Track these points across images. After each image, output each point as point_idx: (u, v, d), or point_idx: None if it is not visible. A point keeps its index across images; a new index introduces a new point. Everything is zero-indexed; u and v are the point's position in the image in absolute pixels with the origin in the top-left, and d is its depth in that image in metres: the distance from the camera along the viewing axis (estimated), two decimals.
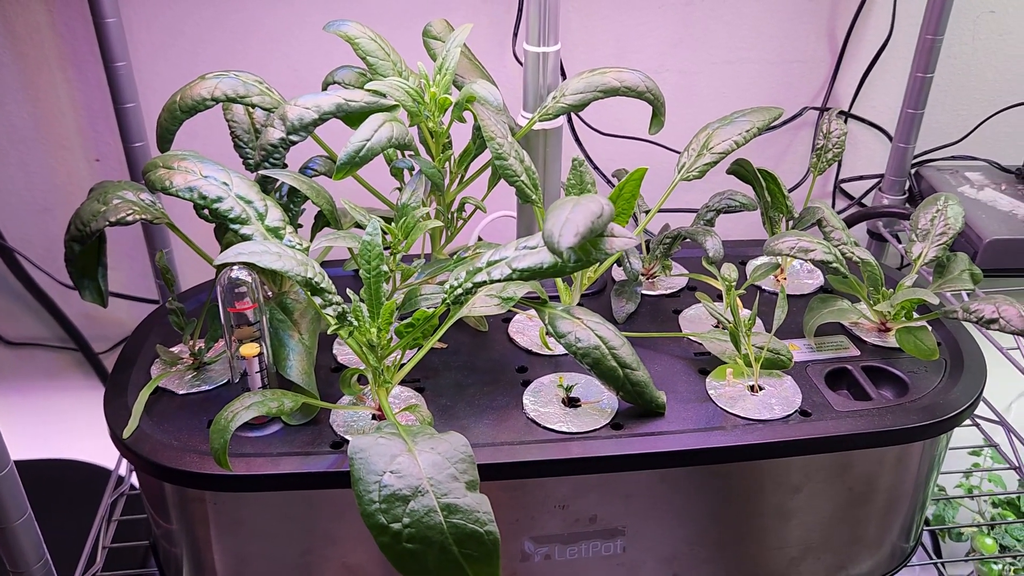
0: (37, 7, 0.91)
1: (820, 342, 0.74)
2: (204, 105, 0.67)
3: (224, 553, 0.65)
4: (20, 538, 0.59)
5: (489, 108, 0.65)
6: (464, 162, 0.72)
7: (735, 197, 0.80)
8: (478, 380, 0.70)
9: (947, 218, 0.75)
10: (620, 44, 1.00)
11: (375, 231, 0.58)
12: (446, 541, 0.47)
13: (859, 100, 1.06)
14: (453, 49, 0.67)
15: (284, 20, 0.94)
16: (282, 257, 0.54)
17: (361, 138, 0.60)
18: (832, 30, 1.02)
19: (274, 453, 0.62)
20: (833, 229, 0.76)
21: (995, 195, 0.98)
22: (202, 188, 0.60)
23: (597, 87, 0.69)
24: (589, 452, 0.62)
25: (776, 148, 1.08)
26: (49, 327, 1.10)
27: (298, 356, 0.64)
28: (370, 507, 0.48)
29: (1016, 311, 0.65)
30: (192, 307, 0.78)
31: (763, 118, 0.72)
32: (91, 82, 0.95)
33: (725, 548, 0.69)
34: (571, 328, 0.63)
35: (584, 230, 0.50)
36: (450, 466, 0.49)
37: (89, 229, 0.67)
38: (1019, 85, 1.07)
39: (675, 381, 0.70)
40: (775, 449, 0.64)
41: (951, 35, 1.03)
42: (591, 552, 0.67)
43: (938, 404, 0.67)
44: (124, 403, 0.66)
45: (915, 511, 0.74)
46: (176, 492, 0.63)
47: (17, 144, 0.98)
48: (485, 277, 0.57)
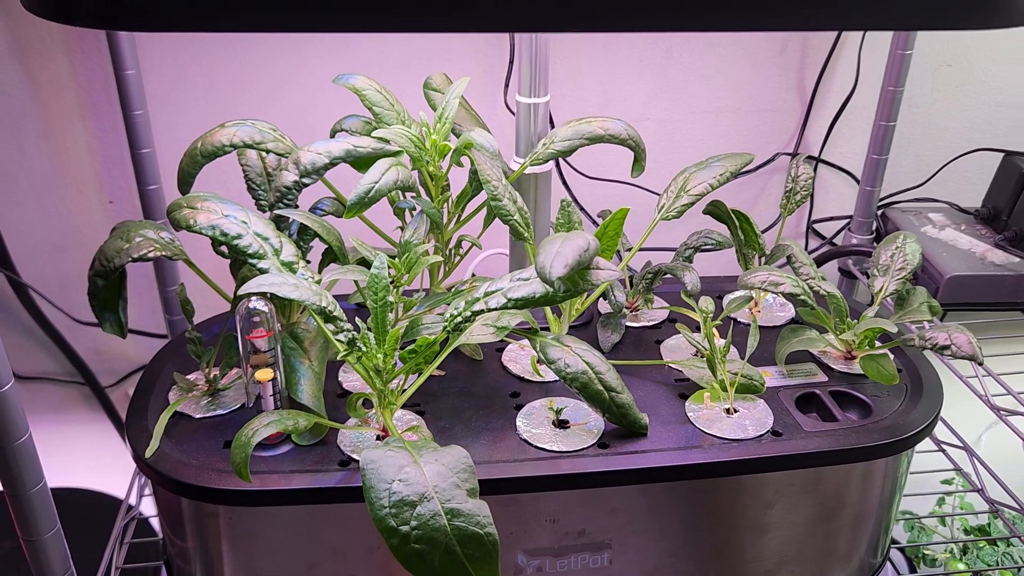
0: (61, 60, 0.97)
1: (791, 369, 0.80)
2: (224, 151, 0.73)
3: (236, 568, 0.69)
4: (49, 551, 0.63)
5: (485, 154, 0.71)
6: (461, 203, 0.78)
7: (711, 236, 0.86)
8: (474, 404, 0.75)
9: (906, 254, 0.82)
10: (605, 94, 1.07)
11: (382, 265, 0.64)
12: (450, 542, 0.52)
13: (828, 146, 1.13)
14: (452, 100, 0.74)
15: (288, 68, 1.00)
16: (299, 288, 0.59)
17: (370, 181, 0.66)
18: (801, 82, 1.10)
19: (286, 471, 0.66)
20: (802, 265, 0.82)
21: (955, 234, 1.05)
22: (224, 226, 0.66)
23: (584, 135, 0.75)
24: (577, 469, 0.67)
25: (752, 191, 1.15)
26: (58, 362, 1.14)
27: (308, 381, 0.69)
28: (381, 512, 0.52)
29: (966, 338, 0.71)
30: (206, 338, 0.83)
31: (736, 163, 0.79)
32: (107, 130, 1.02)
33: (705, 561, 0.74)
34: (561, 355, 0.68)
35: (573, 262, 0.56)
36: (452, 475, 0.55)
37: (113, 265, 0.72)
38: (976, 132, 1.15)
39: (657, 405, 0.75)
40: (749, 466, 0.69)
41: (912, 87, 1.11)
42: (580, 565, 0.71)
43: (898, 424, 0.73)
44: (144, 426, 0.71)
45: (881, 528, 0.79)
46: (193, 508, 0.67)
47: (36, 187, 1.04)
48: (483, 306, 0.63)
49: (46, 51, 0.96)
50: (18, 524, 0.62)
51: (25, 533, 0.62)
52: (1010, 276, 0.98)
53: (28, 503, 0.61)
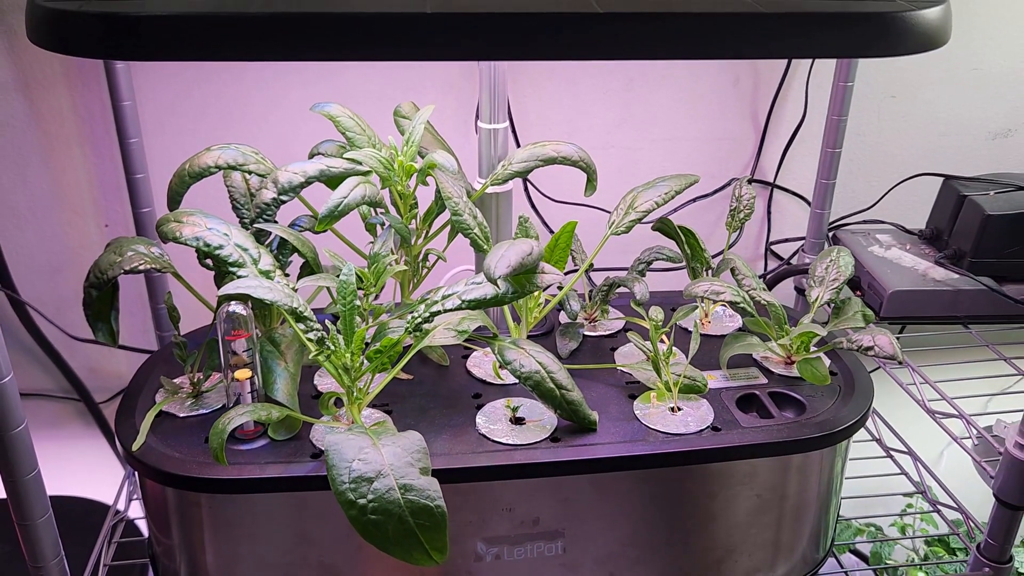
0: (61, 91, 1.05)
1: (734, 373, 0.86)
2: (209, 172, 0.80)
3: (217, 555, 0.75)
4: (42, 535, 0.69)
5: (447, 173, 0.78)
6: (428, 219, 0.85)
7: (663, 251, 0.93)
8: (439, 404, 0.81)
9: (839, 266, 0.88)
10: (571, 124, 1.15)
11: (350, 273, 0.71)
12: (403, 513, 0.58)
13: (782, 172, 1.21)
14: (418, 125, 0.81)
15: (273, 96, 1.07)
16: (272, 290, 0.66)
17: (339, 196, 0.72)
18: (755, 112, 1.17)
19: (262, 462, 0.72)
20: (744, 277, 0.89)
21: (900, 253, 1.12)
22: (207, 237, 0.72)
23: (539, 157, 0.83)
24: (530, 459, 0.73)
25: (712, 214, 1.22)
26: (54, 378, 1.20)
27: (284, 380, 0.75)
28: (341, 487, 0.58)
29: (887, 340, 0.77)
30: (191, 346, 0.90)
31: (680, 183, 0.86)
32: (104, 157, 1.09)
33: (655, 550, 0.79)
34: (516, 356, 0.75)
35: (515, 263, 0.63)
36: (407, 455, 0.61)
37: (106, 277, 0.78)
38: (920, 159, 1.22)
39: (607, 404, 0.81)
40: (688, 457, 0.75)
41: (859, 116, 1.18)
42: (536, 553, 0.77)
43: (829, 420, 0.79)
44: (132, 423, 0.77)
45: (821, 521, 0.84)
46: (176, 496, 0.73)
47: (36, 211, 1.10)
48: (440, 308, 0.69)
49: (48, 84, 1.04)
50: (14, 509, 0.67)
51: (20, 517, 0.68)
52: (949, 291, 1.05)
53: (24, 488, 0.66)
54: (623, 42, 0.62)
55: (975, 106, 1.21)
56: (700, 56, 0.66)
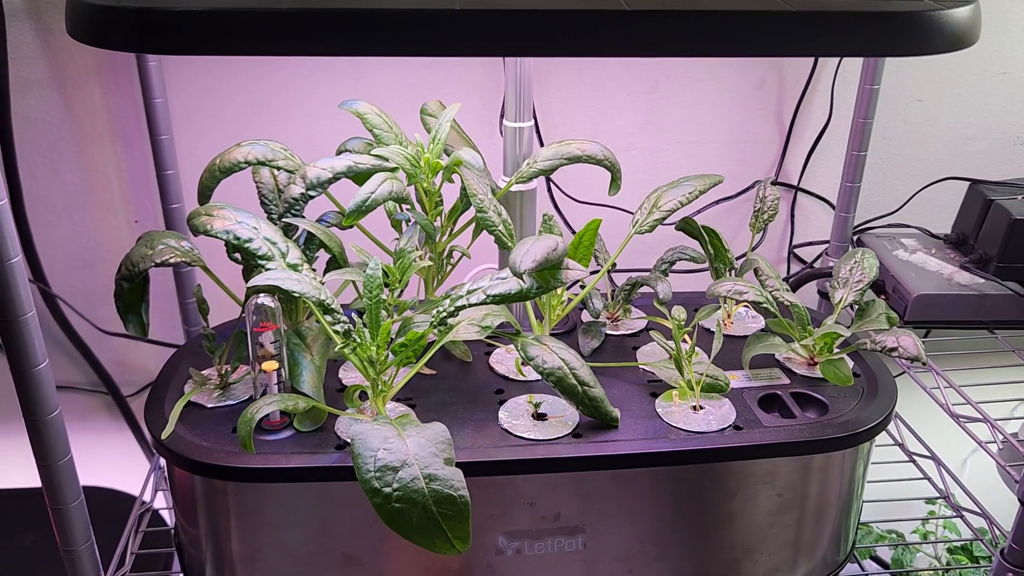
0: (94, 89, 1.07)
1: (756, 373, 0.86)
2: (239, 167, 0.81)
3: (241, 543, 0.76)
4: (74, 519, 0.70)
5: (472, 170, 0.79)
6: (453, 216, 0.86)
7: (685, 251, 0.93)
8: (461, 399, 0.82)
9: (864, 268, 0.88)
10: (594, 126, 1.15)
11: (376, 267, 0.72)
12: (427, 502, 0.59)
13: (806, 175, 1.20)
14: (444, 123, 0.82)
15: (299, 94, 1.08)
16: (301, 282, 0.67)
17: (368, 191, 0.73)
18: (779, 114, 1.17)
19: (287, 452, 0.73)
20: (767, 277, 0.89)
21: (925, 258, 1.12)
22: (237, 231, 0.73)
23: (563, 155, 0.83)
24: (551, 454, 0.74)
25: (735, 217, 1.22)
26: (83, 371, 1.22)
27: (310, 373, 0.76)
28: (367, 475, 0.59)
29: (911, 340, 0.77)
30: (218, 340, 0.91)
31: (704, 183, 0.86)
32: (135, 154, 1.10)
33: (674, 547, 0.80)
34: (539, 352, 0.75)
35: (541, 258, 0.63)
36: (431, 446, 0.61)
37: (137, 269, 0.80)
38: (946, 163, 1.22)
39: (629, 402, 0.81)
40: (710, 455, 0.75)
41: (885, 120, 1.18)
42: (556, 548, 0.78)
43: (851, 421, 0.79)
44: (162, 413, 0.78)
45: (842, 524, 0.84)
46: (203, 484, 0.74)
47: (68, 207, 1.12)
48: (465, 302, 0.70)
49: (81, 80, 1.06)
50: (47, 493, 0.69)
51: (53, 502, 0.69)
52: (974, 295, 1.04)
53: (57, 473, 0.68)
54: (650, 40, 0.62)
55: (1003, 110, 1.20)
56: (727, 54, 0.67)
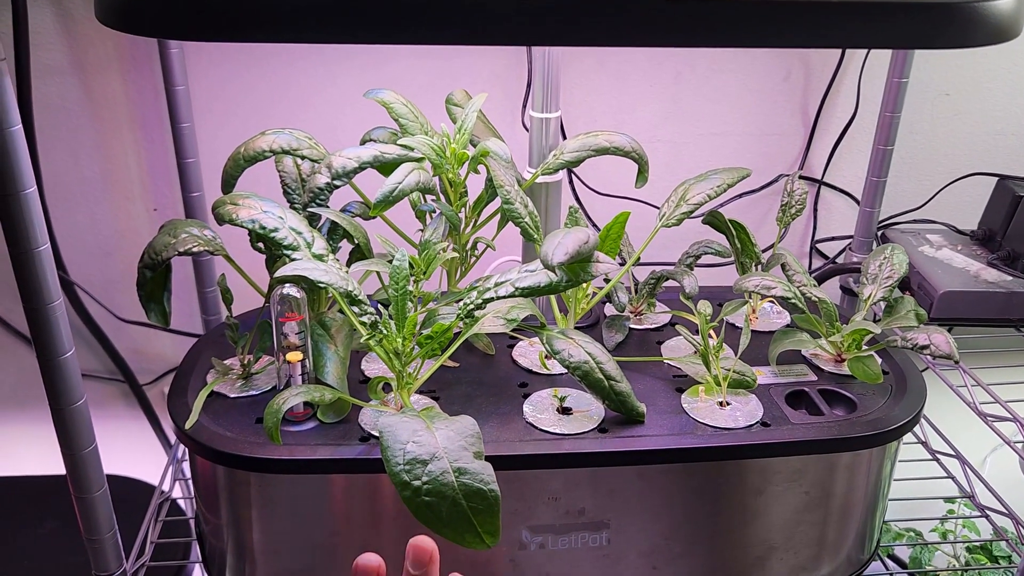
0: (114, 76, 1.06)
1: (783, 369, 0.85)
2: (263, 156, 0.80)
3: (263, 534, 0.76)
4: (98, 508, 0.70)
5: (499, 161, 0.78)
6: (478, 208, 0.85)
7: (711, 245, 0.92)
8: (485, 392, 0.81)
9: (893, 264, 0.87)
10: (617, 117, 1.14)
11: (403, 258, 0.71)
12: (456, 496, 0.58)
13: (830, 169, 1.19)
14: (471, 113, 0.81)
15: (321, 83, 1.08)
16: (328, 273, 0.66)
17: (394, 181, 0.73)
18: (805, 107, 1.16)
19: (311, 444, 0.73)
20: (795, 272, 0.88)
21: (951, 254, 1.10)
22: (262, 220, 0.73)
23: (591, 147, 0.82)
24: (577, 449, 0.73)
25: (759, 210, 1.21)
26: (100, 359, 1.21)
27: (334, 364, 0.76)
28: (396, 468, 0.59)
29: (943, 338, 0.76)
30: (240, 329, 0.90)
31: (732, 176, 0.85)
32: (155, 141, 1.10)
33: (697, 544, 0.79)
34: (565, 346, 0.74)
35: (573, 251, 0.62)
36: (460, 439, 0.61)
37: (160, 258, 0.79)
38: (973, 158, 1.20)
39: (655, 397, 0.81)
40: (737, 451, 0.74)
41: (912, 114, 1.16)
42: (580, 543, 0.77)
43: (880, 419, 0.78)
44: (185, 403, 0.78)
45: (867, 524, 0.83)
46: (226, 475, 0.74)
47: (87, 195, 1.12)
48: (493, 294, 0.69)
49: (102, 68, 1.05)
50: (72, 482, 0.69)
51: (78, 490, 0.69)
52: (1002, 293, 1.03)
53: (82, 462, 0.67)
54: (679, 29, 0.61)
55: None
56: (757, 44, 0.66)
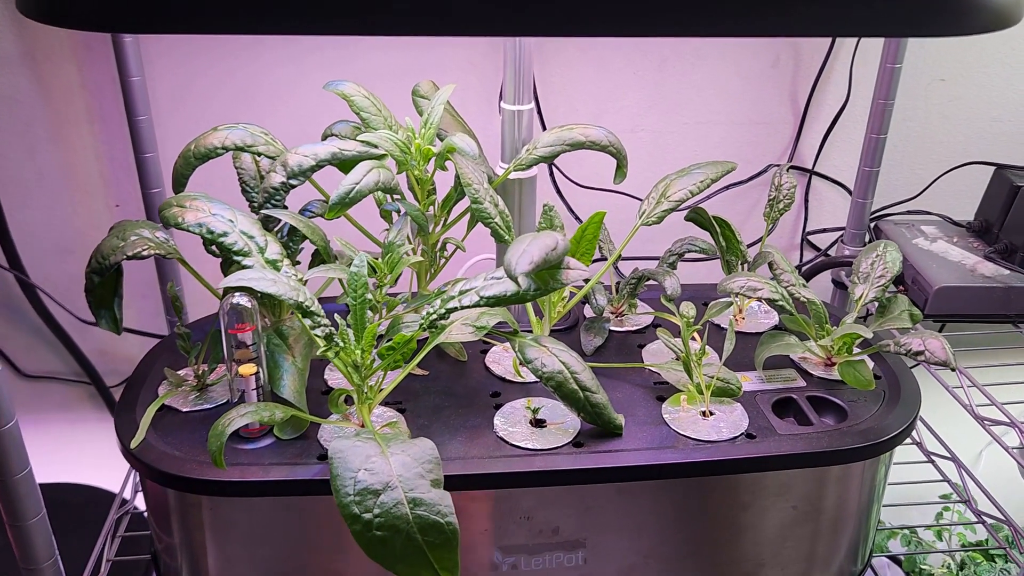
0: (70, 67, 1.01)
1: (770, 374, 0.81)
2: (216, 153, 0.75)
3: (218, 558, 0.71)
4: (34, 536, 0.65)
5: (467, 157, 0.73)
6: (447, 206, 0.80)
7: (695, 243, 0.87)
8: (455, 403, 0.76)
9: (886, 262, 0.82)
10: (598, 105, 1.09)
11: (361, 263, 0.66)
12: (411, 530, 0.53)
13: (821, 159, 1.14)
14: (437, 106, 0.76)
15: (289, 78, 1.03)
16: (277, 283, 0.62)
17: (351, 181, 0.68)
18: (794, 94, 1.11)
19: (266, 463, 0.68)
20: (783, 272, 0.83)
21: (947, 247, 1.06)
22: (210, 224, 0.68)
23: (565, 141, 0.77)
24: (551, 466, 0.69)
25: (745, 203, 1.16)
26: (65, 362, 1.17)
27: (291, 376, 0.71)
28: (345, 499, 0.54)
29: (939, 344, 0.72)
30: (199, 336, 0.86)
31: (716, 170, 0.80)
32: (114, 135, 1.05)
33: (680, 562, 0.75)
34: (538, 355, 0.70)
35: (539, 259, 0.58)
36: (418, 466, 0.56)
37: (108, 262, 0.74)
38: (969, 146, 1.15)
39: (634, 406, 0.76)
40: (720, 467, 0.70)
41: (906, 100, 1.11)
42: (555, 563, 0.73)
43: (872, 429, 0.73)
44: (133, 418, 0.73)
45: (860, 534, 0.79)
46: (177, 498, 0.69)
47: (45, 190, 1.07)
48: (456, 304, 0.64)
49: (56, 58, 1.00)
50: (4, 510, 0.64)
51: (11, 518, 0.64)
52: (999, 288, 0.98)
53: (14, 488, 0.63)
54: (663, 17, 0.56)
55: None
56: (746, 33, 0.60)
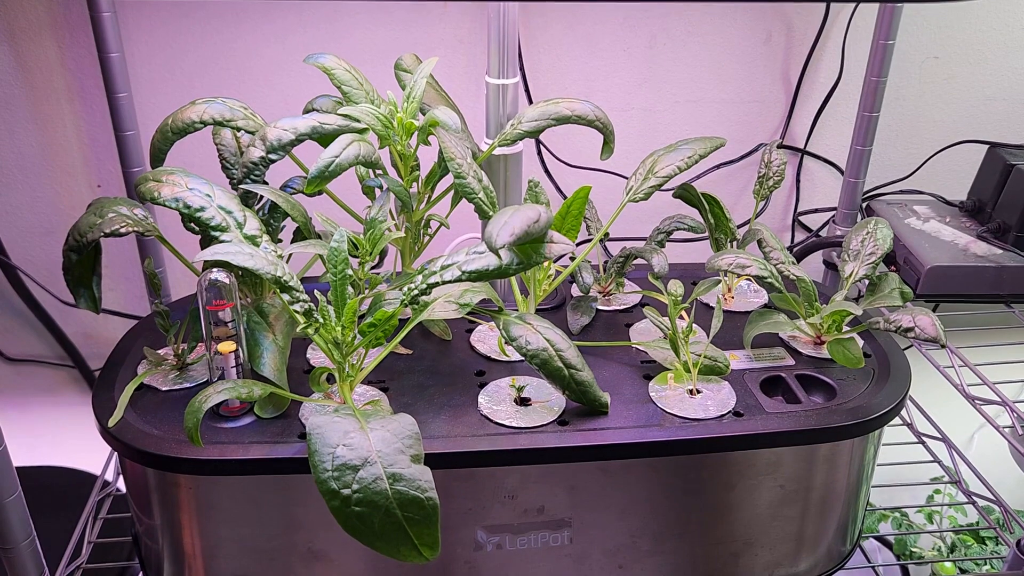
0: (48, 43, 0.99)
1: (758, 353, 0.80)
2: (193, 127, 0.74)
3: (199, 538, 0.70)
4: (10, 515, 0.64)
5: (450, 132, 0.72)
6: (431, 182, 0.79)
7: (684, 220, 0.86)
8: (439, 382, 0.75)
9: (876, 239, 0.81)
10: (588, 84, 1.08)
11: (341, 239, 0.65)
12: (390, 505, 0.52)
13: (813, 138, 1.13)
14: (420, 79, 0.74)
15: (274, 56, 1.01)
16: (254, 257, 0.60)
17: (331, 155, 0.66)
18: (786, 72, 1.10)
19: (246, 442, 0.67)
20: (772, 249, 0.82)
21: (939, 226, 1.05)
22: (187, 199, 0.66)
23: (551, 115, 0.76)
24: (535, 444, 0.67)
25: (737, 183, 1.15)
26: (48, 345, 1.15)
27: (271, 354, 0.70)
28: (323, 475, 0.53)
29: (929, 320, 0.71)
30: (179, 315, 0.84)
31: (705, 146, 0.79)
32: (95, 113, 1.03)
33: (667, 541, 0.74)
34: (522, 332, 0.69)
35: (520, 231, 0.56)
36: (397, 441, 0.55)
37: (86, 240, 0.73)
38: (963, 125, 1.14)
39: (621, 385, 0.75)
40: (707, 444, 0.69)
41: (899, 78, 1.10)
42: (540, 543, 0.72)
43: (861, 407, 0.72)
44: (111, 398, 0.72)
45: (850, 514, 0.78)
46: (156, 477, 0.68)
47: (25, 170, 1.05)
48: (438, 279, 0.63)
49: (34, 34, 0.98)
50: None
51: None
52: (992, 267, 0.97)
53: None
54: None
55: None
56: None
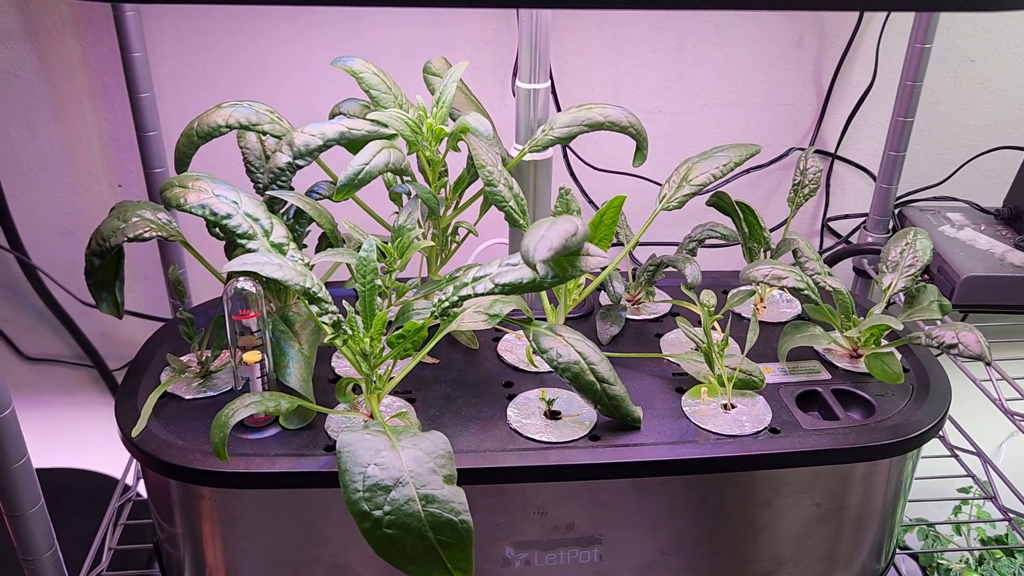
0: (71, 43, 0.98)
1: (794, 366, 0.78)
2: (219, 131, 0.72)
3: (222, 550, 0.69)
4: (32, 527, 0.63)
5: (480, 138, 0.70)
6: (459, 189, 0.77)
7: (716, 228, 0.84)
8: (466, 393, 0.74)
9: (916, 251, 0.79)
10: (616, 86, 1.06)
11: (370, 248, 0.63)
12: (423, 528, 0.51)
13: (844, 142, 1.11)
14: (450, 84, 0.73)
15: (296, 54, 1.00)
16: (283, 268, 0.59)
17: (360, 162, 0.65)
18: (818, 75, 1.07)
19: (271, 454, 0.66)
20: (807, 260, 0.80)
21: (974, 234, 1.02)
22: (213, 205, 0.65)
23: (583, 121, 0.74)
24: (566, 460, 0.66)
25: (765, 187, 1.13)
26: (67, 344, 1.15)
27: (297, 364, 0.68)
28: (354, 495, 0.52)
29: (974, 337, 0.69)
30: (203, 321, 0.83)
31: (740, 153, 0.77)
32: (117, 113, 1.02)
33: (698, 559, 0.72)
34: (553, 344, 0.67)
35: (558, 246, 0.55)
36: (430, 460, 0.53)
37: (109, 244, 0.72)
38: (999, 130, 1.12)
39: (652, 398, 0.73)
40: (742, 463, 0.67)
41: (933, 82, 1.08)
42: (569, 559, 0.70)
43: (901, 425, 0.70)
44: (134, 406, 0.71)
45: (885, 532, 0.76)
46: (179, 489, 0.67)
47: (46, 170, 1.04)
48: (470, 291, 0.61)
49: (57, 34, 0.97)
50: (2, 500, 0.62)
51: (8, 509, 0.62)
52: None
53: (11, 478, 0.60)
54: None
55: None
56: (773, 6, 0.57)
